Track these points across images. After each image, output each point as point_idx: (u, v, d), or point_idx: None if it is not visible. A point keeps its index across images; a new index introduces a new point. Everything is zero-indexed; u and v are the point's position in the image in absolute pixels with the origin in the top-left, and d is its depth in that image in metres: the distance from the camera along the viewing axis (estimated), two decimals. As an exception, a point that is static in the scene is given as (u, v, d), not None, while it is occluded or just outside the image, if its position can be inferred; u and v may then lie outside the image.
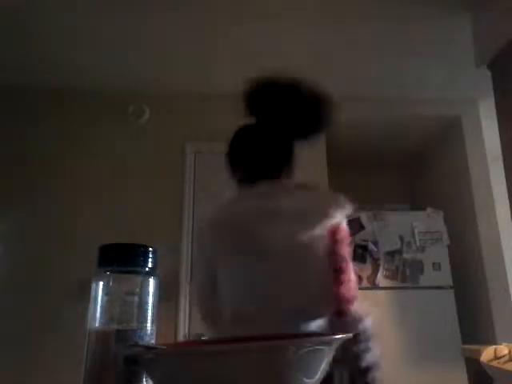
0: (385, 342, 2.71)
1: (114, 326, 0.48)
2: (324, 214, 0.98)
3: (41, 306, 2.66)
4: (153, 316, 0.50)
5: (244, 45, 2.69)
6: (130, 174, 2.99)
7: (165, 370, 0.41)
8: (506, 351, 1.53)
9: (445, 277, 2.87)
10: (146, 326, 0.49)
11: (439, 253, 2.92)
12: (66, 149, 3.03)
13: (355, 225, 2.92)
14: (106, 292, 0.49)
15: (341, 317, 0.85)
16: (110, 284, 0.49)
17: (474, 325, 2.94)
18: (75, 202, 2.91)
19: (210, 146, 3.08)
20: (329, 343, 0.42)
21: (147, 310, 0.50)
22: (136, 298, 0.49)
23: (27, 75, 2.99)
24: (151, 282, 0.51)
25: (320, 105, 1.08)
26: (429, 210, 3.04)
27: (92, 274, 0.51)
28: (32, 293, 2.69)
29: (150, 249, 0.52)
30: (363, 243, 2.90)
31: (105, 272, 0.49)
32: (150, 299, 0.50)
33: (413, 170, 4.08)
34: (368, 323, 0.86)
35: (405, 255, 2.90)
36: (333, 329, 0.85)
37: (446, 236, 2.96)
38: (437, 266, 2.89)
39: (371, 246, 2.90)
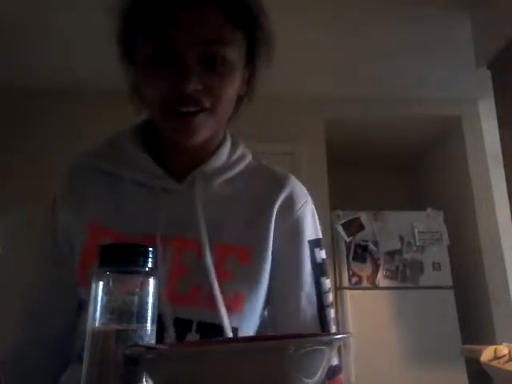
0: (385, 342, 2.73)
1: (114, 326, 0.48)
2: None
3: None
4: (153, 316, 0.50)
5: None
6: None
7: (165, 370, 0.41)
8: (505, 351, 1.53)
9: (445, 277, 2.87)
10: (146, 326, 0.50)
11: (439, 253, 2.92)
12: (66, 149, 3.01)
13: (355, 225, 2.92)
14: (106, 292, 0.49)
15: None
16: (110, 284, 0.49)
17: (474, 325, 2.94)
18: (75, 202, 2.91)
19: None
20: (329, 343, 0.42)
21: (147, 310, 0.50)
22: (136, 298, 0.49)
23: (27, 75, 2.99)
24: (151, 282, 0.51)
25: None
26: (429, 210, 3.04)
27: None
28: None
29: (150, 249, 0.52)
30: (363, 243, 2.90)
31: (105, 272, 0.49)
32: (150, 299, 0.50)
33: (413, 169, 4.08)
34: None
35: (405, 255, 2.90)
36: None
37: (446, 236, 2.96)
38: (437, 266, 2.89)
39: (371, 246, 2.90)
